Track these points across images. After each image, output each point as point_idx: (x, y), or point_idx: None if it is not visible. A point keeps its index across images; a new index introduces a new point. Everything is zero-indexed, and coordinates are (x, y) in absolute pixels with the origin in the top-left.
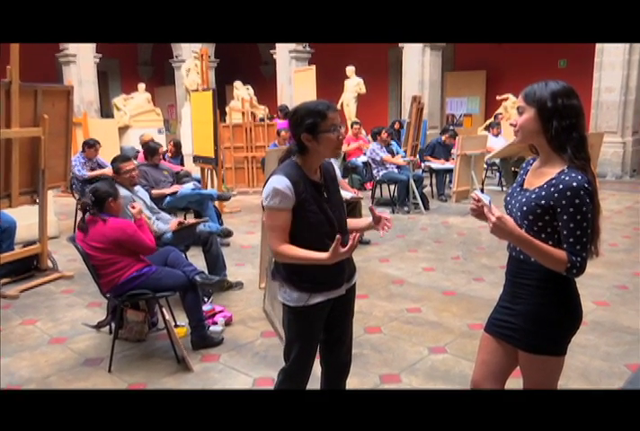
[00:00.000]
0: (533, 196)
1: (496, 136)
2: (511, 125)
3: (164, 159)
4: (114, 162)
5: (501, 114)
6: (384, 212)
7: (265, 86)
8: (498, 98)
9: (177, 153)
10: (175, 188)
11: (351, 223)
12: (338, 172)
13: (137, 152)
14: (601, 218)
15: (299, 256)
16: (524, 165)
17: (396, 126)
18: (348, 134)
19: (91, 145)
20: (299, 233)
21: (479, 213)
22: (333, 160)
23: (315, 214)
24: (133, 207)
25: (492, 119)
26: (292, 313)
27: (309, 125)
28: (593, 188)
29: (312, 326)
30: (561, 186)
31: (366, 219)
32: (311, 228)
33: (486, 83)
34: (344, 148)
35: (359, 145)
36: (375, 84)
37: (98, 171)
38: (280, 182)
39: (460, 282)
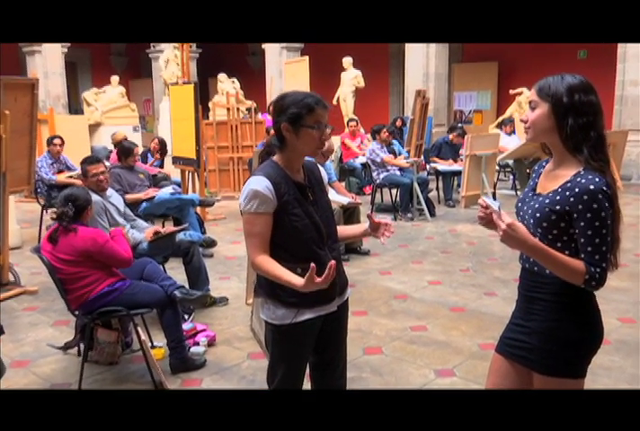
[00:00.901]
0: (547, 201)
1: (509, 134)
2: (521, 121)
3: (148, 159)
4: (82, 163)
5: (511, 119)
6: (384, 218)
7: (253, 79)
8: (511, 92)
9: (161, 154)
10: (152, 192)
11: (345, 230)
12: (324, 174)
13: (110, 152)
14: (623, 225)
15: (274, 273)
16: (536, 168)
17: (398, 123)
18: (345, 132)
19: (49, 142)
20: (283, 239)
21: (488, 221)
22: (328, 161)
23: (300, 218)
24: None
25: (505, 116)
26: (277, 333)
27: (292, 115)
28: (613, 191)
29: (299, 346)
30: (577, 189)
31: (361, 225)
32: (296, 234)
33: (498, 76)
34: (349, 143)
35: (359, 149)
36: (375, 77)
37: (66, 176)
38: (259, 183)
39: (470, 297)
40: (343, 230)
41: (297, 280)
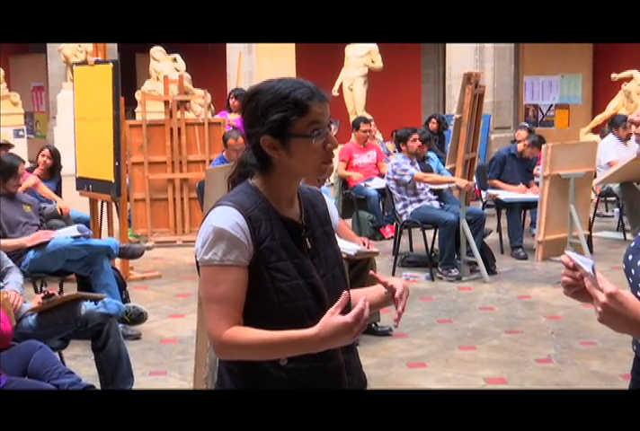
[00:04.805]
0: None
1: (624, 140)
2: (630, 122)
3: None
4: None
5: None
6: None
7: (206, 57)
8: (614, 77)
9: (54, 173)
10: (45, 235)
11: (355, 297)
12: (332, 208)
13: None
14: None
15: (261, 341)
16: None
17: (433, 125)
18: (351, 140)
19: None
20: (257, 309)
21: (578, 289)
22: (324, 186)
23: (289, 276)
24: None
25: (606, 113)
26: None
27: (276, 122)
28: None
29: None
30: None
31: (376, 289)
32: (280, 302)
33: (594, 54)
34: (341, 171)
35: (376, 168)
36: (398, 55)
37: None
38: (226, 218)
39: None
40: (353, 297)
41: (303, 333)
